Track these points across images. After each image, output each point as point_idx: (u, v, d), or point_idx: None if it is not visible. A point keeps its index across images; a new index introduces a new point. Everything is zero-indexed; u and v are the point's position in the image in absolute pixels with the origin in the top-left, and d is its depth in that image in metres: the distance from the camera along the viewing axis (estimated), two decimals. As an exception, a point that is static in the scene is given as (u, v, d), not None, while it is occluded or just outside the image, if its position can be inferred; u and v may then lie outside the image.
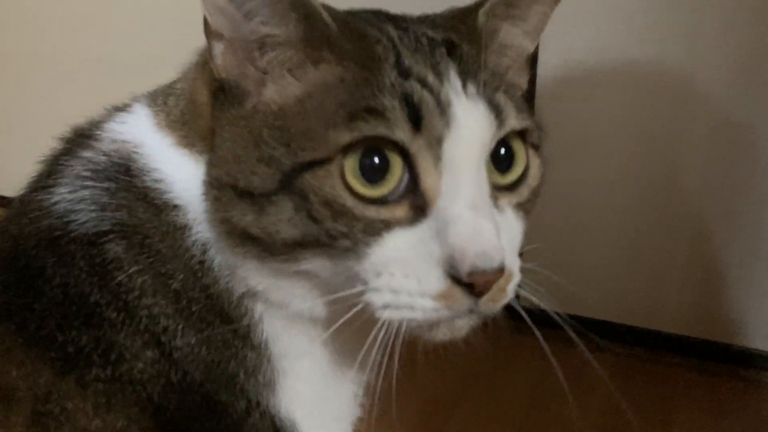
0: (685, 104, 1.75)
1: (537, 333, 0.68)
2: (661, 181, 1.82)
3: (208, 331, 0.65)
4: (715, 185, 1.77)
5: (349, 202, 0.60)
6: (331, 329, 0.65)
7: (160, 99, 0.71)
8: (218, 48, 0.63)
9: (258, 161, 0.61)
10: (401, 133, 0.60)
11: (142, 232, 0.65)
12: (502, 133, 0.64)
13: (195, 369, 0.64)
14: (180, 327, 0.64)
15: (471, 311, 0.62)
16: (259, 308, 0.68)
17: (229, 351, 0.66)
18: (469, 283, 0.59)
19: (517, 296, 0.67)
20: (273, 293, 0.66)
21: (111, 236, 0.64)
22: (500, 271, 0.59)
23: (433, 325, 0.63)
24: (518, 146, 0.67)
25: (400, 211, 0.61)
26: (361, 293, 0.62)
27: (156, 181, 0.66)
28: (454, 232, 0.59)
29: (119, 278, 0.63)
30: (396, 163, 0.61)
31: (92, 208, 0.65)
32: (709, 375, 1.79)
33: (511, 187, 0.67)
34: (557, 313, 0.71)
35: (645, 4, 1.73)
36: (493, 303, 0.62)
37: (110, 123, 0.71)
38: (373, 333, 0.62)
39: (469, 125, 0.61)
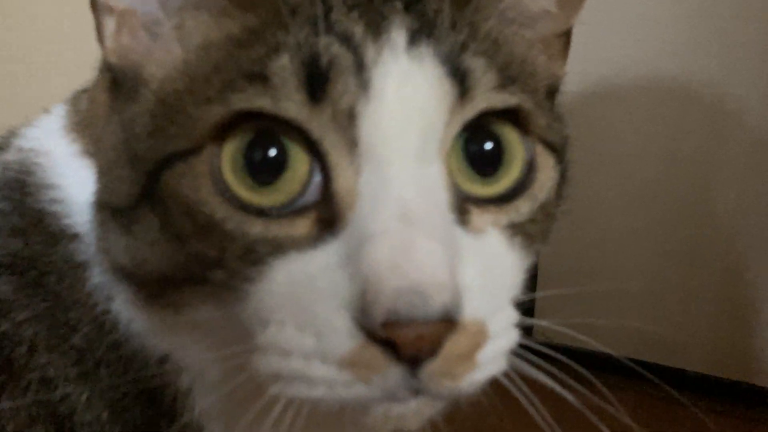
0: (717, 121, 1.65)
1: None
2: (690, 205, 1.71)
3: (123, 403, 0.50)
4: (750, 210, 1.66)
5: (220, 211, 0.43)
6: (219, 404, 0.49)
7: (79, 96, 0.58)
8: (109, 26, 0.49)
9: (126, 163, 0.46)
10: (290, 105, 0.42)
11: (39, 268, 0.51)
12: (471, 110, 0.45)
13: None
14: (85, 396, 0.49)
15: (416, 390, 0.42)
16: (185, 376, 0.52)
17: (153, 431, 0.50)
18: (387, 338, 0.40)
19: (530, 330, 0.48)
20: (179, 355, 0.51)
21: None
22: (446, 321, 0.40)
23: (358, 408, 0.43)
24: (512, 138, 0.48)
25: (301, 226, 0.43)
26: (249, 352, 0.44)
27: (53, 201, 0.52)
28: (370, 256, 0.40)
29: (2, 327, 0.49)
30: (298, 155, 0.43)
31: None
32: (741, 420, 1.67)
33: (501, 200, 0.47)
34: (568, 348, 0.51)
35: (673, 13, 1.63)
36: (448, 379, 0.42)
37: (28, 127, 0.58)
38: (271, 415, 0.44)
39: (404, 93, 0.43)
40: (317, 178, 0.43)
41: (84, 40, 0.53)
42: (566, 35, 0.56)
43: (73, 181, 0.52)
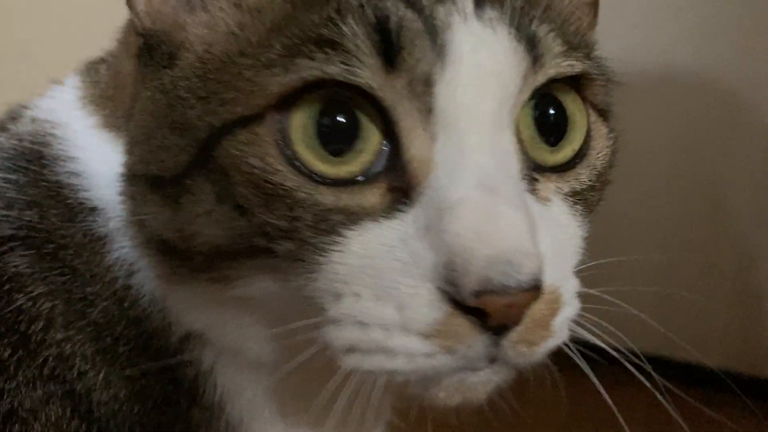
0: (731, 111, 1.63)
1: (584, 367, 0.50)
2: (705, 199, 1.69)
3: (142, 381, 0.48)
4: (766, 204, 1.64)
5: (289, 180, 0.41)
6: (278, 376, 0.46)
7: (94, 68, 0.56)
8: None
9: (171, 130, 0.43)
10: (364, 71, 0.40)
11: (55, 241, 0.49)
12: (542, 77, 0.44)
13: None
14: (102, 374, 0.47)
15: (492, 360, 0.41)
16: (208, 355, 0.50)
17: (173, 411, 0.49)
18: (478, 308, 0.39)
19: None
20: (215, 333, 0.49)
21: (13, 244, 0.48)
22: (534, 290, 0.40)
23: (430, 380, 0.42)
24: (575, 106, 0.47)
25: (373, 195, 0.41)
26: (317, 326, 0.42)
27: (71, 173, 0.50)
28: (454, 225, 0.39)
29: (19, 302, 0.47)
30: (370, 126, 0.41)
31: None
32: (759, 416, 1.64)
33: (563, 168, 0.47)
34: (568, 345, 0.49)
35: (687, 1, 1.62)
36: (529, 347, 0.42)
37: (40, 99, 0.56)
38: (343, 391, 0.42)
39: (480, 59, 0.41)
40: (385, 148, 0.42)
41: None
42: (595, 3, 0.55)
43: (92, 154, 0.51)
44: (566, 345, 0.46)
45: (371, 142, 0.42)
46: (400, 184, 0.42)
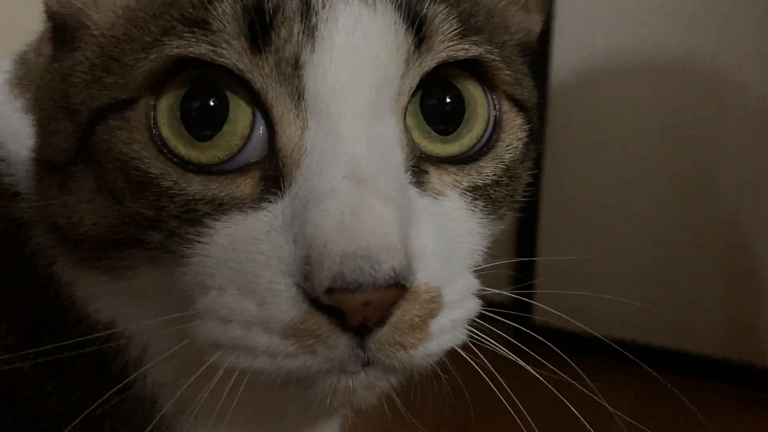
0: (718, 94, 1.60)
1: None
2: (691, 182, 1.67)
3: (67, 373, 0.46)
4: (754, 186, 1.61)
5: (155, 167, 0.39)
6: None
7: (28, 51, 0.54)
8: None
9: (63, 116, 0.42)
10: (230, 52, 0.38)
11: None
12: (430, 60, 0.41)
13: (56, 427, 0.44)
14: (27, 366, 0.45)
15: (365, 363, 0.39)
16: (135, 344, 0.48)
17: (102, 404, 0.46)
18: (331, 305, 0.37)
19: (526, 308, 0.47)
20: (122, 323, 0.47)
21: None
22: (395, 287, 0.37)
23: (302, 380, 0.40)
24: (475, 93, 0.44)
25: (245, 185, 0.40)
26: (187, 320, 0.41)
27: None
28: (315, 217, 0.37)
29: None
30: (239, 107, 0.40)
31: None
32: (747, 402, 1.63)
33: (464, 160, 0.44)
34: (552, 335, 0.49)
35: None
36: (398, 349, 0.39)
37: None
38: (209, 387, 0.41)
39: (354, 41, 0.39)
40: (260, 133, 0.40)
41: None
42: None
43: (16, 138, 0.49)
44: (468, 349, 0.44)
45: (239, 125, 0.40)
46: (273, 173, 0.39)
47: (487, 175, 0.44)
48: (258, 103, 0.40)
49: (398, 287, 0.37)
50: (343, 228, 0.36)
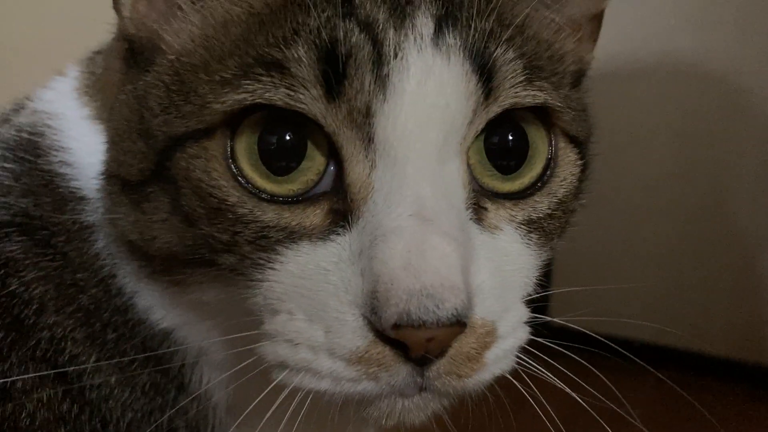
0: (732, 101, 1.61)
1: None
2: (705, 185, 1.67)
3: (130, 369, 0.48)
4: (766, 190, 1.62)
5: (233, 196, 0.41)
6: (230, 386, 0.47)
7: (93, 59, 0.56)
8: None
9: (139, 137, 0.44)
10: (306, 99, 0.40)
11: (48, 228, 0.49)
12: (496, 107, 0.43)
13: (119, 417, 0.47)
14: (93, 359, 0.48)
15: (421, 388, 0.41)
16: (192, 345, 0.50)
17: (162, 399, 0.49)
18: (397, 339, 0.39)
19: (542, 310, 0.47)
20: (183, 332, 0.49)
21: (9, 230, 0.49)
22: (456, 325, 0.39)
23: (360, 401, 0.42)
24: (537, 134, 0.46)
25: (314, 215, 0.42)
26: (256, 339, 0.43)
27: (63, 163, 0.51)
28: (382, 254, 0.39)
29: (12, 286, 0.47)
30: (316, 147, 0.41)
31: None
32: (762, 403, 1.64)
33: (521, 196, 0.45)
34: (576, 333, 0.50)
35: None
36: (454, 378, 0.41)
37: (42, 90, 0.56)
38: (276, 403, 0.43)
39: (425, 91, 0.40)
40: (332, 168, 0.42)
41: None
42: (598, 18, 0.53)
43: (83, 145, 0.51)
44: (515, 373, 0.46)
45: (315, 162, 0.42)
46: (340, 207, 0.42)
47: (542, 210, 0.46)
48: (330, 142, 0.41)
49: (459, 324, 0.39)
50: (409, 266, 0.38)
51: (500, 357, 0.43)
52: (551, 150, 0.46)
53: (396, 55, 0.41)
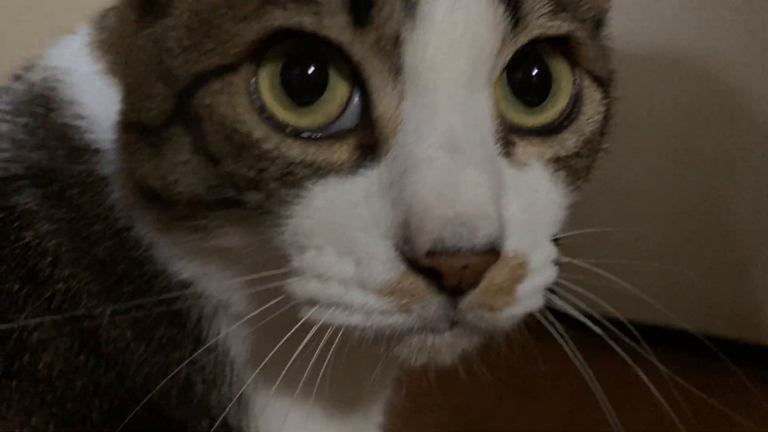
0: (730, 94, 1.62)
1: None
2: (709, 173, 1.68)
3: (146, 322, 0.47)
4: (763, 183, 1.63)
5: (257, 131, 0.40)
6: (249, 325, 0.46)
7: (106, 15, 0.55)
8: None
9: (158, 80, 0.43)
10: (333, 25, 0.39)
11: (62, 181, 0.49)
12: (524, 38, 0.42)
13: (135, 372, 0.47)
14: (109, 311, 0.47)
15: (452, 322, 0.41)
16: (210, 298, 0.50)
17: (179, 353, 0.48)
18: (431, 267, 0.38)
19: (552, 291, 0.46)
20: (203, 283, 0.48)
21: (22, 182, 0.48)
22: (490, 253, 0.38)
23: (391, 337, 0.42)
24: (560, 68, 0.45)
25: (341, 150, 0.41)
26: (282, 277, 0.42)
27: (77, 116, 0.50)
28: (414, 184, 0.38)
29: (27, 238, 0.47)
30: (338, 76, 0.41)
31: (5, 146, 0.50)
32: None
33: (546, 132, 0.45)
34: (591, 316, 0.50)
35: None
36: (486, 310, 0.40)
37: (53, 48, 0.56)
38: (303, 342, 0.42)
39: (454, 19, 0.39)
40: (356, 102, 0.41)
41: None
42: None
43: (96, 98, 0.51)
44: (544, 315, 0.45)
45: (338, 93, 0.41)
46: (368, 141, 0.41)
47: (570, 147, 0.45)
48: (355, 73, 0.40)
49: (493, 253, 0.39)
50: (442, 195, 0.38)
51: (530, 293, 0.42)
52: (576, 86, 0.46)
53: None
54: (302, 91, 0.40)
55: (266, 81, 0.41)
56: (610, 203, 1.75)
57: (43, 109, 0.51)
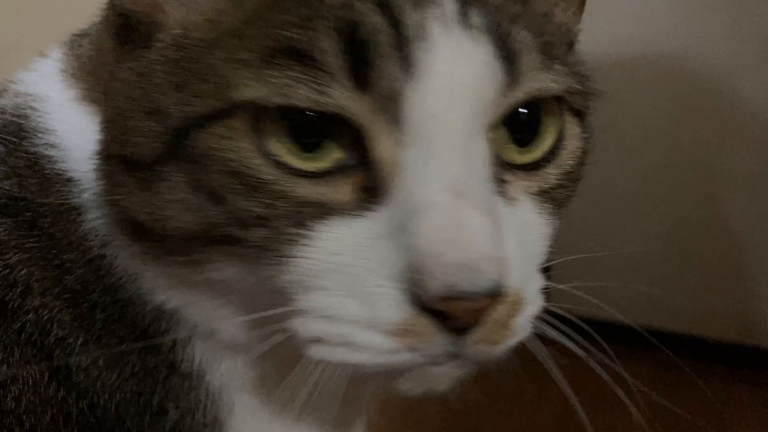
0: (724, 97, 1.61)
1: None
2: (703, 175, 1.68)
3: (119, 349, 0.47)
4: (763, 176, 1.63)
5: (265, 172, 0.40)
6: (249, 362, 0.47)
7: (78, 41, 0.55)
8: None
9: (147, 115, 0.42)
10: (334, 93, 0.39)
11: (33, 210, 0.48)
12: (519, 94, 0.43)
13: (107, 399, 0.47)
14: (80, 341, 0.47)
15: (454, 356, 0.42)
16: (185, 324, 0.49)
17: (152, 379, 0.48)
18: (442, 311, 0.39)
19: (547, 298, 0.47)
20: (188, 312, 0.48)
21: None
22: (495, 295, 0.40)
23: (394, 373, 0.43)
24: (549, 111, 0.47)
25: (344, 190, 0.41)
26: (286, 316, 0.42)
27: (48, 145, 0.50)
28: (422, 229, 0.39)
29: None
30: (339, 130, 0.41)
31: None
32: (761, 386, 1.65)
33: (533, 167, 0.46)
34: (582, 320, 0.51)
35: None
36: (489, 346, 0.42)
37: (25, 72, 0.55)
38: (308, 379, 0.43)
39: (454, 73, 0.40)
40: (356, 146, 0.41)
41: None
42: None
43: (69, 126, 0.50)
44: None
45: (342, 141, 0.41)
46: (369, 183, 0.41)
47: (553, 181, 0.46)
48: (353, 127, 0.41)
49: (499, 294, 0.40)
50: (452, 241, 0.39)
51: (524, 323, 0.43)
52: (559, 125, 0.47)
53: (420, 36, 0.40)
54: (308, 136, 0.41)
55: (271, 129, 0.41)
56: (604, 205, 1.75)
57: (14, 136, 0.51)
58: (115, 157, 0.45)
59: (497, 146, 0.44)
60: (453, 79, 0.40)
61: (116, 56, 0.47)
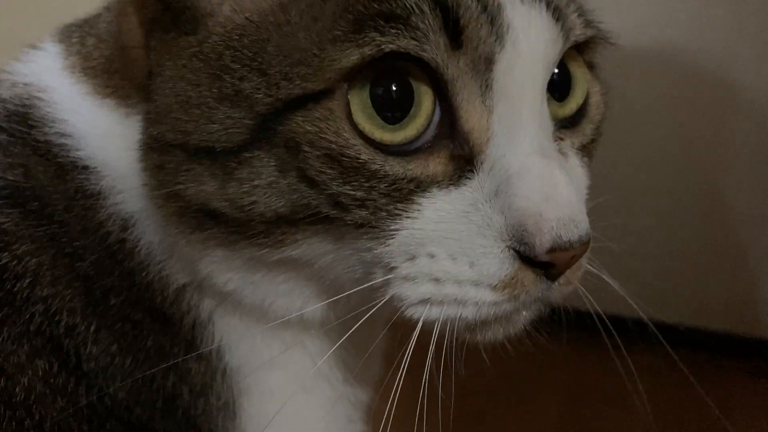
0: (725, 88, 1.60)
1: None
2: (704, 166, 1.67)
3: (134, 333, 0.48)
4: (766, 173, 1.61)
5: (364, 153, 0.42)
6: (343, 337, 0.48)
7: (76, 36, 0.54)
8: None
9: (219, 102, 0.43)
10: (434, 49, 0.41)
11: (42, 199, 0.48)
12: (567, 46, 0.47)
13: (118, 387, 0.47)
14: (92, 328, 0.47)
15: (540, 300, 0.46)
16: (207, 304, 0.50)
17: (166, 362, 0.48)
18: (548, 262, 0.43)
19: None
20: (247, 293, 0.49)
21: None
22: (587, 242, 0.44)
23: (485, 322, 0.46)
24: (577, 64, 0.50)
25: (436, 163, 0.44)
26: (383, 285, 0.45)
27: (61, 134, 0.50)
28: (523, 191, 0.42)
29: (4, 260, 0.46)
30: (423, 93, 0.43)
31: None
32: (755, 374, 1.65)
33: (573, 123, 0.50)
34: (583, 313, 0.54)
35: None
36: (568, 285, 0.46)
37: (17, 64, 0.54)
38: (413, 336, 0.45)
39: (530, 38, 0.44)
40: (437, 115, 0.44)
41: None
42: None
43: (82, 117, 0.51)
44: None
45: (424, 107, 0.43)
46: (460, 153, 0.44)
47: (588, 135, 0.51)
48: (438, 90, 0.43)
49: (588, 240, 0.44)
50: (550, 199, 0.42)
51: (585, 262, 0.48)
52: (585, 72, 0.51)
53: (501, 7, 0.43)
54: (392, 109, 0.42)
55: (357, 105, 0.42)
56: (604, 195, 1.74)
57: (20, 126, 0.50)
58: (175, 147, 0.45)
59: (549, 104, 0.47)
60: (531, 45, 0.44)
61: (158, 46, 0.47)
